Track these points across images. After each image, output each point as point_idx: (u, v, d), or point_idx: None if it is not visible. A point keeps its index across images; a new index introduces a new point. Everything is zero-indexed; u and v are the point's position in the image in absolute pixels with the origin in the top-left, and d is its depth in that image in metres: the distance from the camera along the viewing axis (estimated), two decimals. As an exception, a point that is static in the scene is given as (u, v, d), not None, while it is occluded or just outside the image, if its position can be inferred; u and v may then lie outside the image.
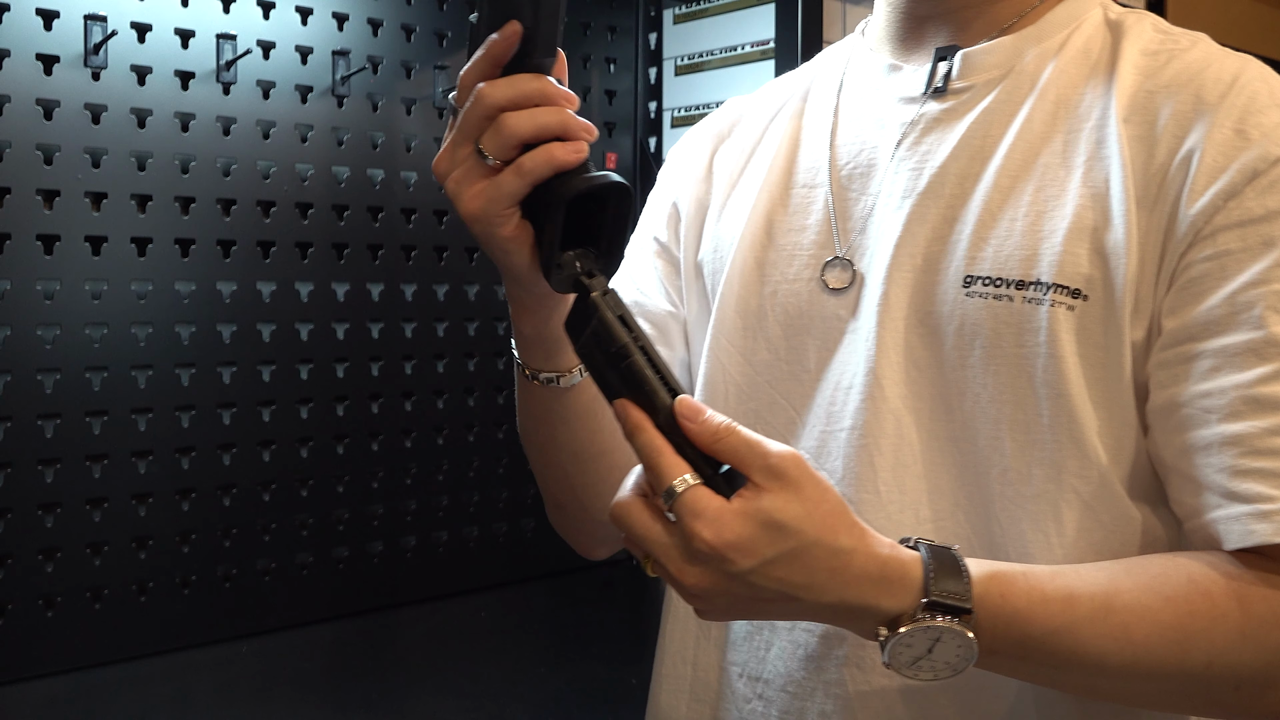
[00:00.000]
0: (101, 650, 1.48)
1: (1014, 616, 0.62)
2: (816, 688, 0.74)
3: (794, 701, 0.75)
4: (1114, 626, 0.62)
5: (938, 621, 0.60)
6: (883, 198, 0.77)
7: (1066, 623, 0.62)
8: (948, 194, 0.74)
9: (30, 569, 1.43)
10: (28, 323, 1.42)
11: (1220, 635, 0.62)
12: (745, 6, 1.82)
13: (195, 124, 1.54)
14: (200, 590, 1.56)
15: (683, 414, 0.60)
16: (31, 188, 1.41)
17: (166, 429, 1.53)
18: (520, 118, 0.63)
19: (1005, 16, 0.77)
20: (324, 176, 1.66)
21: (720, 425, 0.60)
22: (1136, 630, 0.62)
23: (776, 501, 0.58)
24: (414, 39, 1.74)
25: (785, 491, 0.59)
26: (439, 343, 1.79)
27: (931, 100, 0.76)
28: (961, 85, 0.76)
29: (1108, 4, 0.79)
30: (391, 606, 1.74)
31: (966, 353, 0.71)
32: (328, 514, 1.68)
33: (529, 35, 0.63)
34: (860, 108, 0.81)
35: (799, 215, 0.81)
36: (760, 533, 0.58)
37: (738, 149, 0.88)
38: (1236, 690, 0.63)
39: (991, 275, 0.70)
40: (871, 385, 0.74)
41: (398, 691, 1.40)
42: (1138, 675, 0.63)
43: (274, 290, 1.62)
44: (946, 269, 0.73)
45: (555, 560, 1.93)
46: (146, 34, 1.49)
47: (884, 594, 0.60)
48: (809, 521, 0.59)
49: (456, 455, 1.81)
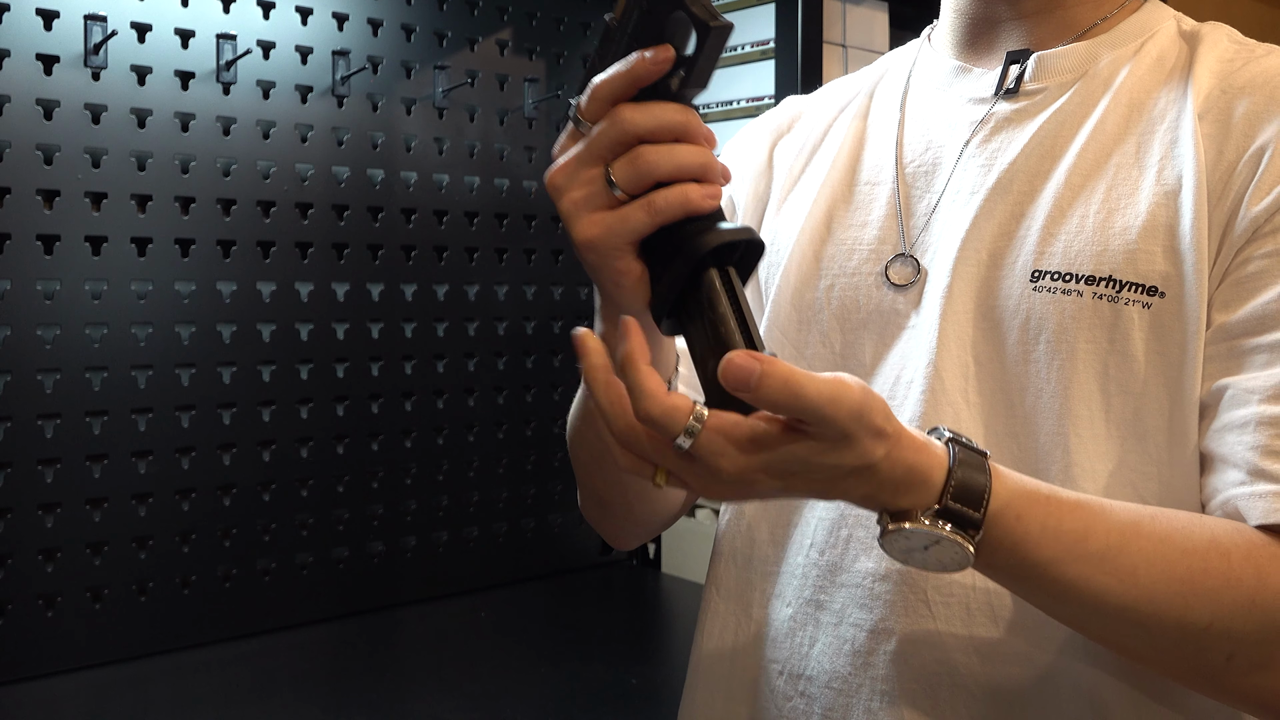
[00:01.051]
0: (101, 650, 1.48)
1: (1023, 539, 0.61)
2: (863, 684, 0.73)
3: (839, 698, 0.74)
4: (1122, 567, 0.61)
5: (941, 529, 0.59)
6: (948, 194, 0.77)
7: (1074, 556, 0.61)
8: (1016, 190, 0.74)
9: (30, 569, 1.43)
10: (28, 323, 1.42)
11: (1229, 598, 0.61)
12: (745, 6, 1.82)
13: (195, 124, 1.54)
14: (200, 590, 1.56)
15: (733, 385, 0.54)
16: (31, 188, 1.41)
17: (166, 429, 1.53)
18: (660, 153, 0.59)
19: (1077, 23, 0.78)
20: (324, 176, 1.66)
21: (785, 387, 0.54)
22: (1144, 575, 0.61)
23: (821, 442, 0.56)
24: (414, 39, 1.74)
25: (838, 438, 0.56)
26: (439, 343, 1.79)
27: (1003, 101, 0.77)
28: (1034, 87, 0.77)
29: (1181, 16, 0.80)
30: (391, 606, 1.74)
31: (1030, 347, 0.71)
32: (328, 514, 1.68)
33: (685, 63, 0.59)
34: (927, 108, 0.82)
35: (861, 211, 0.81)
36: (793, 463, 0.56)
37: (798, 145, 0.88)
38: (1228, 660, 0.62)
39: (1060, 270, 0.71)
40: (932, 379, 0.73)
41: (398, 691, 1.40)
42: (1134, 621, 0.62)
43: (274, 290, 1.62)
44: (1013, 264, 0.73)
45: (555, 560, 1.93)
46: (146, 34, 1.49)
47: (901, 494, 0.59)
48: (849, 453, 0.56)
49: (456, 455, 1.81)
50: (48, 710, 1.36)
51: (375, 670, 1.48)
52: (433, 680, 1.45)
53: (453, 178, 1.79)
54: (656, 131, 0.60)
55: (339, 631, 1.65)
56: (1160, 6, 0.80)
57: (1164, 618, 0.61)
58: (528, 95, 1.86)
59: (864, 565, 0.74)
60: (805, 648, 0.76)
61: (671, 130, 0.60)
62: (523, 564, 1.89)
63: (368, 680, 1.44)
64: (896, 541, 0.60)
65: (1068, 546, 0.61)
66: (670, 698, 1.47)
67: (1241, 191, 0.68)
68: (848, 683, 0.73)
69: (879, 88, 0.87)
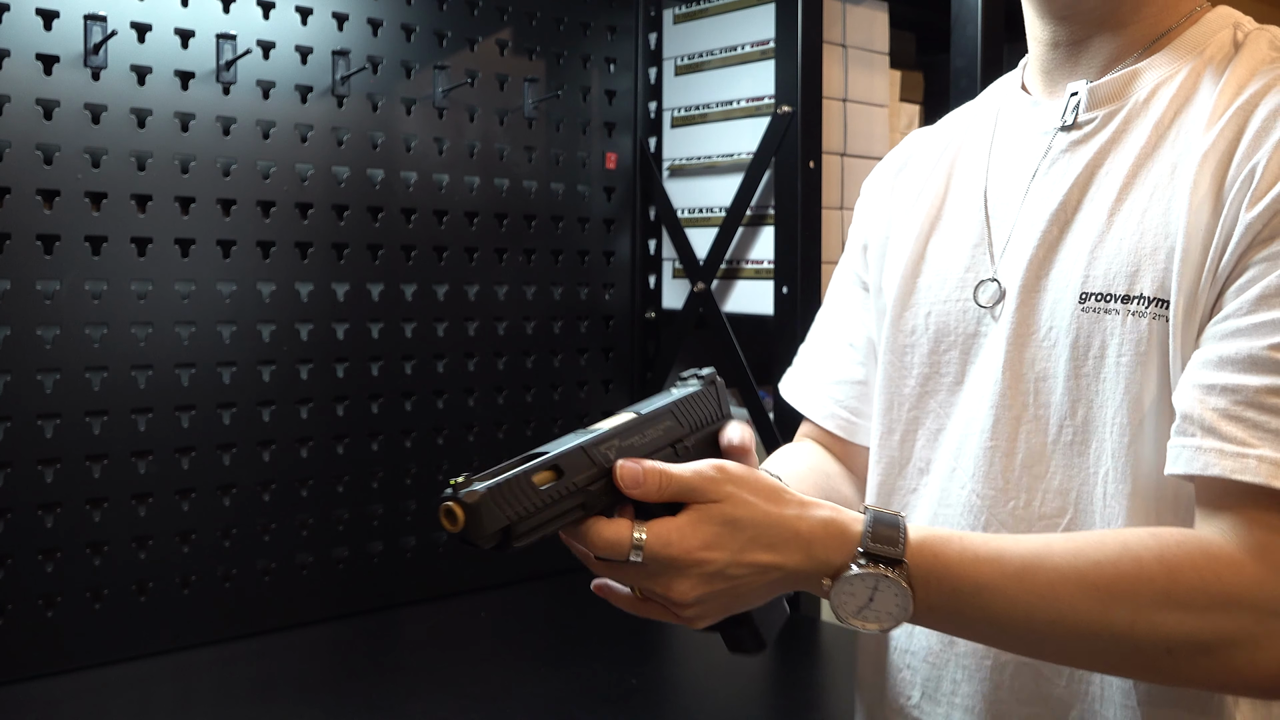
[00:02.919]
0: (102, 650, 1.48)
1: (945, 571, 0.69)
2: (950, 659, 0.85)
3: (933, 670, 0.86)
4: (1039, 584, 0.68)
5: (874, 569, 0.68)
6: (1020, 223, 0.85)
7: (994, 579, 0.68)
8: (1065, 219, 0.82)
9: (30, 569, 1.43)
10: (28, 323, 1.42)
11: (1144, 597, 0.66)
12: (745, 6, 1.82)
13: (195, 124, 1.54)
14: (200, 590, 1.56)
15: (627, 486, 0.70)
16: (31, 188, 1.41)
17: (166, 429, 1.53)
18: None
19: (1135, 44, 0.82)
20: (324, 176, 1.66)
21: (659, 477, 0.70)
22: (1061, 588, 0.67)
23: (724, 505, 0.69)
24: (414, 39, 1.74)
25: (724, 501, 0.69)
26: (439, 343, 1.79)
27: (1062, 133, 0.84)
28: (1087, 117, 0.83)
29: (1240, 22, 0.83)
30: (391, 606, 1.74)
31: (1081, 363, 0.78)
32: (328, 514, 1.68)
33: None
34: (1009, 142, 0.89)
35: (953, 241, 0.89)
36: (721, 529, 0.68)
37: (911, 180, 0.97)
38: (1170, 654, 0.66)
39: (1101, 291, 0.78)
40: (1001, 394, 0.82)
41: (398, 691, 1.40)
42: (1065, 633, 0.68)
43: (274, 290, 1.62)
44: (1066, 287, 0.80)
45: (555, 560, 1.93)
46: (146, 34, 1.49)
47: (830, 547, 0.69)
48: (755, 508, 0.69)
49: (456, 455, 1.81)
50: (48, 710, 1.36)
51: (375, 670, 1.48)
52: (433, 680, 1.45)
53: (453, 178, 1.79)
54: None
55: (339, 631, 1.65)
56: (1222, 15, 0.83)
57: (1090, 625, 0.67)
58: (528, 95, 1.86)
59: None
60: (909, 628, 0.87)
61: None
62: (523, 564, 1.89)
63: (368, 680, 1.44)
64: (845, 600, 0.69)
65: (988, 572, 0.69)
66: (670, 698, 1.47)
67: (1240, 201, 0.73)
68: (939, 657, 0.86)
69: (975, 123, 0.94)
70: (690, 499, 0.70)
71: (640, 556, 0.68)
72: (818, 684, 1.55)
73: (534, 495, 0.69)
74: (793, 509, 0.70)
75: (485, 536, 0.67)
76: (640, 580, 0.71)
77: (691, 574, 0.68)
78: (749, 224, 1.83)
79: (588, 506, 0.71)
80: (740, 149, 1.83)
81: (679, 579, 0.69)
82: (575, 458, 0.71)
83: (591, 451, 0.72)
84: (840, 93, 1.81)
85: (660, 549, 0.68)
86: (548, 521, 0.70)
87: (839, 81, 1.80)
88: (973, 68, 1.64)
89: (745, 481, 0.70)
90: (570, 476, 0.70)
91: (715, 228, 1.86)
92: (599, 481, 0.72)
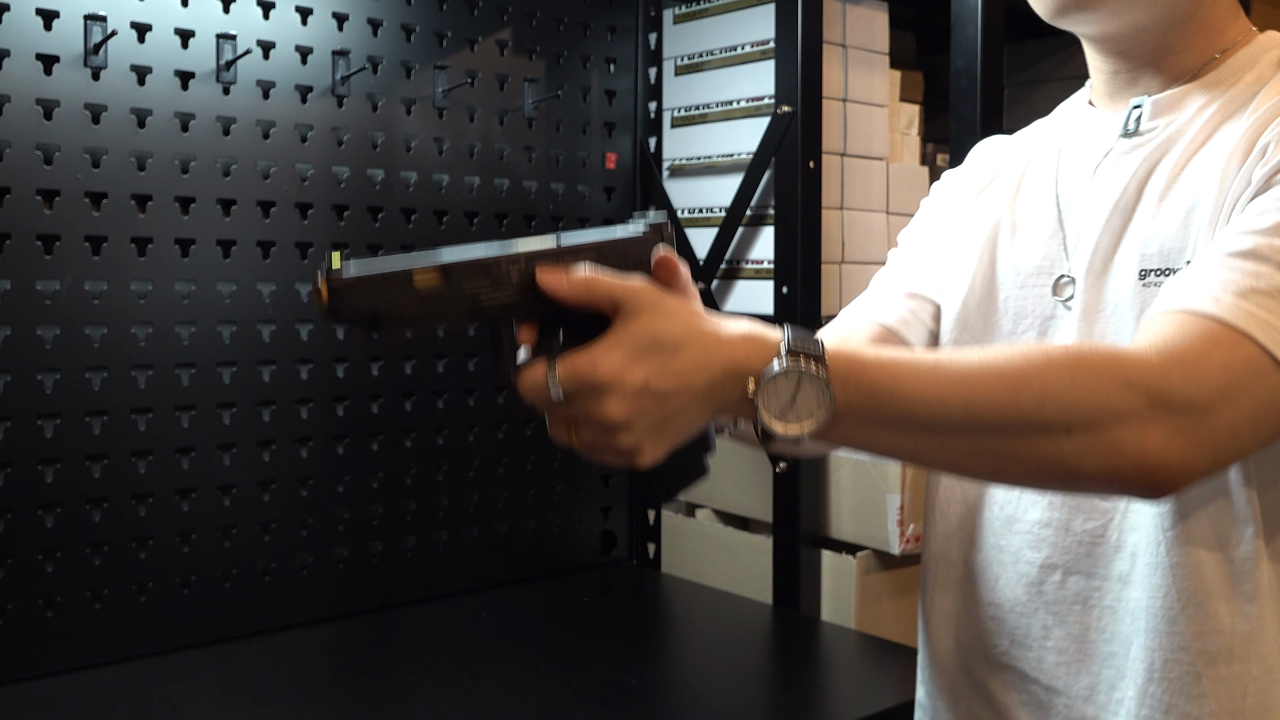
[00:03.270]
0: (101, 650, 1.48)
1: (863, 369, 0.71)
2: (1038, 608, 0.92)
3: (1021, 619, 0.93)
4: (953, 374, 0.72)
5: (796, 364, 0.70)
6: (1086, 216, 0.94)
7: (910, 373, 0.72)
8: (1126, 209, 0.90)
9: (30, 569, 1.43)
10: (28, 323, 1.42)
11: (1051, 377, 0.71)
12: (745, 6, 1.82)
13: (195, 124, 1.54)
14: (200, 590, 1.57)
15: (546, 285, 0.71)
16: (31, 188, 1.41)
17: (166, 429, 1.53)
18: None
19: (1187, 69, 0.92)
20: (324, 176, 1.66)
21: (585, 279, 0.71)
22: (974, 375, 0.71)
23: (642, 321, 0.70)
24: (414, 39, 1.74)
25: (644, 312, 0.70)
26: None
27: (1123, 138, 0.93)
28: (1148, 126, 0.92)
29: None
30: (391, 606, 1.74)
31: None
32: (328, 514, 1.68)
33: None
34: (1076, 147, 0.99)
35: (1029, 235, 0.98)
36: (640, 344, 0.69)
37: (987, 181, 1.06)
38: (1069, 435, 0.70)
39: (1158, 267, 0.86)
40: None
41: (398, 691, 1.40)
42: (977, 420, 0.71)
43: (274, 290, 1.62)
44: (1128, 267, 0.88)
45: (555, 560, 1.93)
46: (146, 34, 1.49)
47: (752, 353, 0.71)
48: (674, 321, 0.70)
49: (456, 455, 1.81)
50: (48, 710, 1.36)
51: (375, 670, 1.48)
52: (433, 680, 1.45)
53: (453, 178, 1.79)
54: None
55: (339, 631, 1.65)
56: (1271, 38, 0.93)
57: (1002, 408, 0.71)
58: (528, 95, 1.86)
59: (1033, 515, 0.93)
60: (993, 582, 0.96)
61: None
62: (523, 564, 1.89)
63: (368, 680, 1.44)
64: (769, 401, 0.70)
65: (904, 368, 0.72)
66: (670, 698, 1.47)
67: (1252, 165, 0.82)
68: (1026, 607, 0.93)
69: (1047, 133, 1.04)
70: (613, 307, 0.70)
71: (559, 389, 0.69)
72: (818, 684, 1.55)
73: (408, 293, 0.70)
74: (712, 323, 0.72)
75: (345, 319, 0.70)
76: (574, 415, 0.71)
77: (616, 393, 0.68)
78: (749, 224, 1.83)
79: (476, 316, 0.73)
80: (740, 149, 1.83)
81: (605, 400, 0.68)
82: (468, 268, 0.72)
83: (490, 266, 0.72)
84: (840, 93, 1.81)
85: (578, 374, 0.69)
86: (420, 319, 0.71)
87: (839, 81, 1.81)
88: (973, 68, 1.64)
89: (668, 298, 0.71)
90: (457, 284, 0.71)
91: (715, 228, 1.86)
92: (495, 295, 0.72)
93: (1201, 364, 0.72)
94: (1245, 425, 0.72)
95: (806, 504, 1.75)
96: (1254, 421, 0.72)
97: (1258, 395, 0.72)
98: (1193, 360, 0.72)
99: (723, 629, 1.74)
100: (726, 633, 1.72)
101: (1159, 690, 0.85)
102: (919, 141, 1.97)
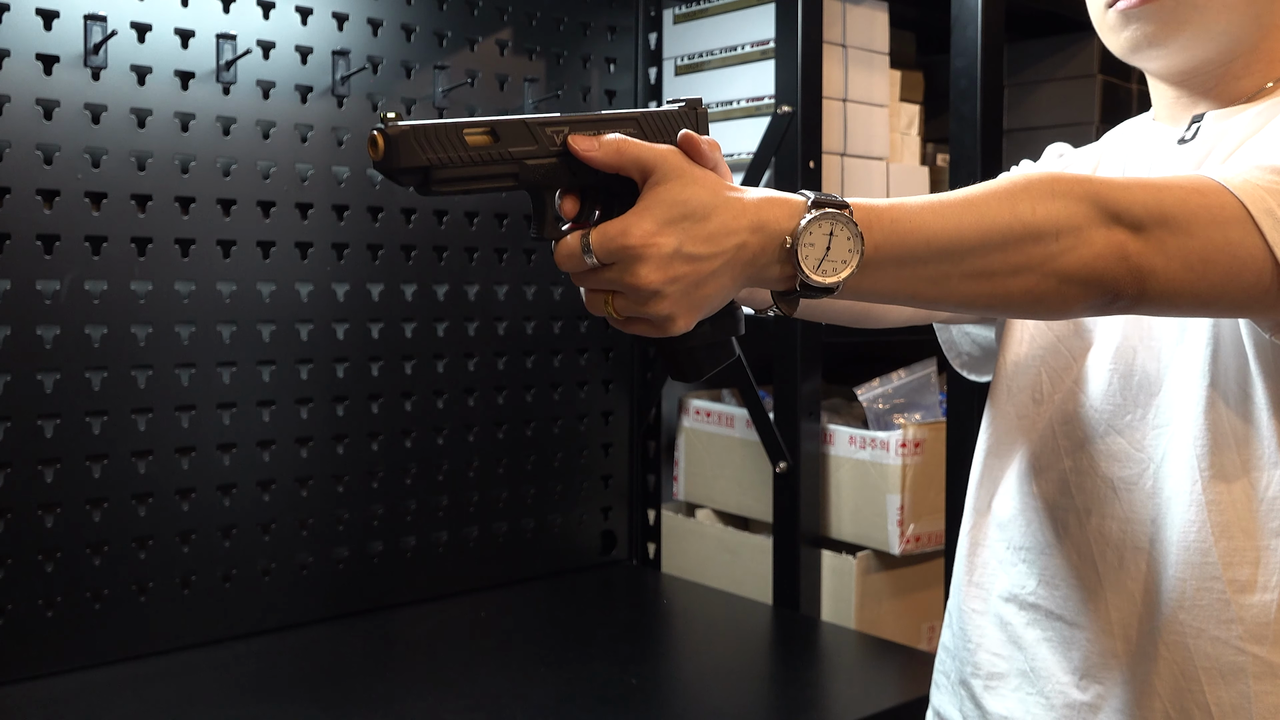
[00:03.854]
0: (101, 650, 1.48)
1: (883, 211, 0.76)
2: (1070, 551, 0.98)
3: (1049, 560, 0.99)
4: (958, 203, 0.78)
5: (825, 213, 0.73)
6: None
7: (921, 208, 0.77)
8: None
9: (30, 569, 1.43)
10: (28, 323, 1.42)
11: (1037, 191, 0.78)
12: (745, 6, 1.82)
13: (195, 124, 1.54)
14: (201, 590, 1.57)
15: (578, 149, 0.75)
16: (31, 188, 1.41)
17: (166, 429, 1.53)
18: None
19: (1243, 93, 0.98)
20: (324, 176, 1.66)
21: (616, 142, 0.75)
22: (976, 198, 0.78)
23: (670, 187, 0.72)
24: (414, 39, 1.74)
25: (672, 178, 0.73)
26: (439, 343, 1.79)
27: (1179, 145, 1.00)
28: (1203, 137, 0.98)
29: None
30: (391, 606, 1.74)
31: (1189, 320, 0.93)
32: (327, 514, 1.68)
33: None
34: (1139, 157, 1.05)
35: None
36: (671, 211, 0.71)
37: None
38: (1058, 239, 0.77)
39: None
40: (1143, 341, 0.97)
41: (398, 691, 1.40)
42: (987, 239, 0.77)
43: (274, 290, 1.62)
44: None
45: (555, 560, 1.93)
46: (146, 34, 1.49)
47: (779, 214, 0.74)
48: (700, 187, 0.73)
49: (456, 455, 1.81)
50: (48, 710, 1.36)
51: (375, 670, 1.48)
52: (433, 680, 1.45)
53: (453, 178, 1.79)
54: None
55: (339, 631, 1.65)
56: None
57: (1005, 220, 0.77)
58: (528, 95, 1.86)
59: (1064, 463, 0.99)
60: (1023, 525, 1.02)
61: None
62: (523, 564, 1.89)
63: (368, 680, 1.44)
64: (807, 254, 0.73)
65: (914, 205, 0.77)
66: (670, 698, 1.47)
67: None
68: (1051, 546, 0.99)
69: (1115, 142, 1.11)
70: (642, 172, 0.74)
71: (593, 256, 0.72)
72: (818, 684, 1.55)
73: (460, 148, 0.72)
74: (738, 190, 0.75)
75: (401, 170, 0.71)
76: (608, 283, 0.73)
77: (649, 260, 0.71)
78: (749, 224, 1.82)
79: (521, 178, 0.75)
80: (740, 149, 1.83)
81: (638, 267, 0.71)
82: (515, 127, 0.74)
83: (535, 128, 0.75)
84: (840, 93, 1.81)
85: (611, 241, 0.71)
86: (471, 178, 0.73)
87: (839, 81, 1.81)
88: (973, 68, 1.64)
89: (696, 167, 0.75)
90: (505, 144, 0.74)
91: (715, 228, 1.86)
92: (539, 159, 0.75)
93: (1163, 191, 0.79)
94: (1197, 255, 0.79)
95: (806, 504, 1.75)
96: (1206, 257, 0.79)
97: (1211, 239, 0.79)
98: (1161, 185, 0.79)
99: (723, 629, 1.74)
100: (726, 633, 1.72)
101: (1188, 617, 0.90)
102: (919, 141, 1.97)
